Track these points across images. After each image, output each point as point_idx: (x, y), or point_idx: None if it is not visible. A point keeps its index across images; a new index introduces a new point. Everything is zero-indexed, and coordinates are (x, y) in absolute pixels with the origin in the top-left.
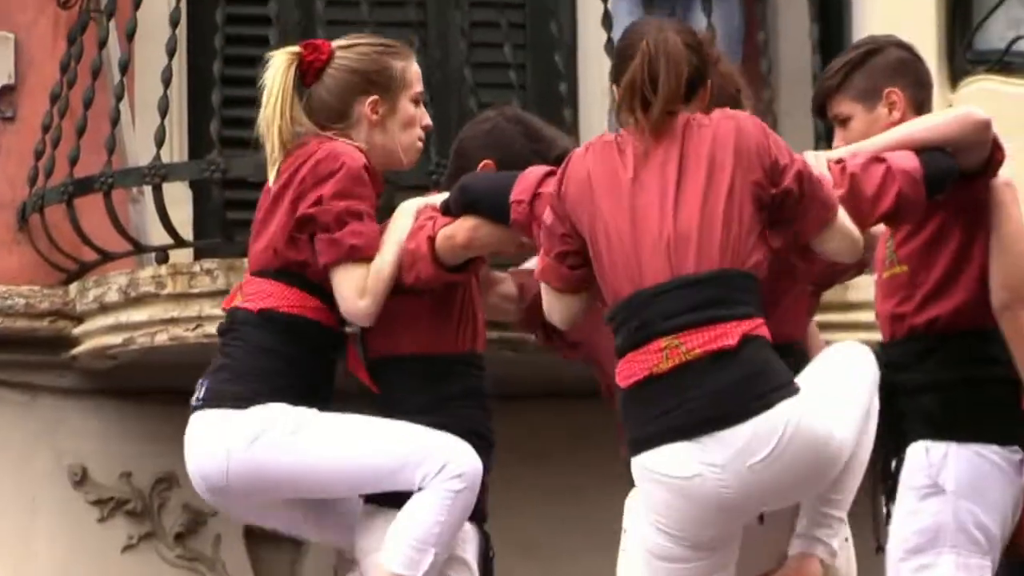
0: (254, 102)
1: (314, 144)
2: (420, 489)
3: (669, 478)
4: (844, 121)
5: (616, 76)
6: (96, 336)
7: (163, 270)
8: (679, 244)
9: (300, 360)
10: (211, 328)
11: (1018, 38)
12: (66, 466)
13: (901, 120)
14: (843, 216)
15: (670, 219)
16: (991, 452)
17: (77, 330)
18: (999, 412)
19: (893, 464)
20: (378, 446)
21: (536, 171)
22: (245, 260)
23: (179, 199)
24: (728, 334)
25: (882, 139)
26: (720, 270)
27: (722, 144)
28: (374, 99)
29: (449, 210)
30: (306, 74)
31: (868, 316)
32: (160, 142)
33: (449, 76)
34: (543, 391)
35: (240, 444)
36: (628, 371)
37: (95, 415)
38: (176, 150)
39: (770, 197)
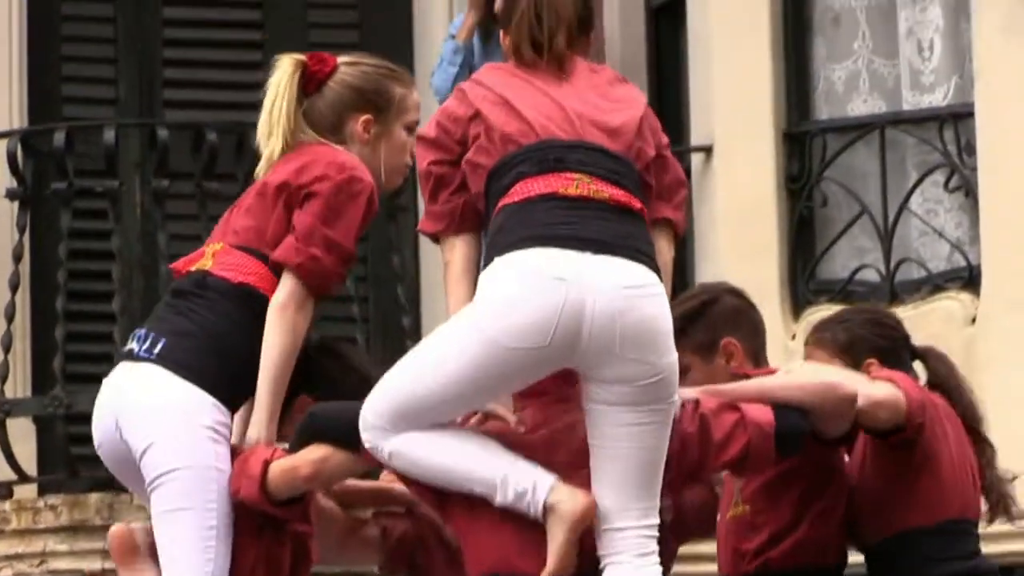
0: (98, 337)
1: (326, 150)
2: None
3: (536, 275)
4: (682, 371)
5: (504, 24)
6: None
7: (7, 506)
8: (594, 127)
9: (258, 345)
10: (56, 564)
11: (861, 267)
12: None
13: (738, 369)
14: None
15: (579, 105)
16: None
17: None
18: None
19: None
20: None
21: None
22: (91, 495)
23: (23, 434)
24: (633, 201)
25: (742, 387)
26: (626, 156)
27: (630, 88)
28: (367, 118)
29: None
30: (308, 83)
31: (710, 567)
32: (3, 377)
33: None
34: None
35: (187, 419)
36: (526, 189)
37: None
38: (20, 385)
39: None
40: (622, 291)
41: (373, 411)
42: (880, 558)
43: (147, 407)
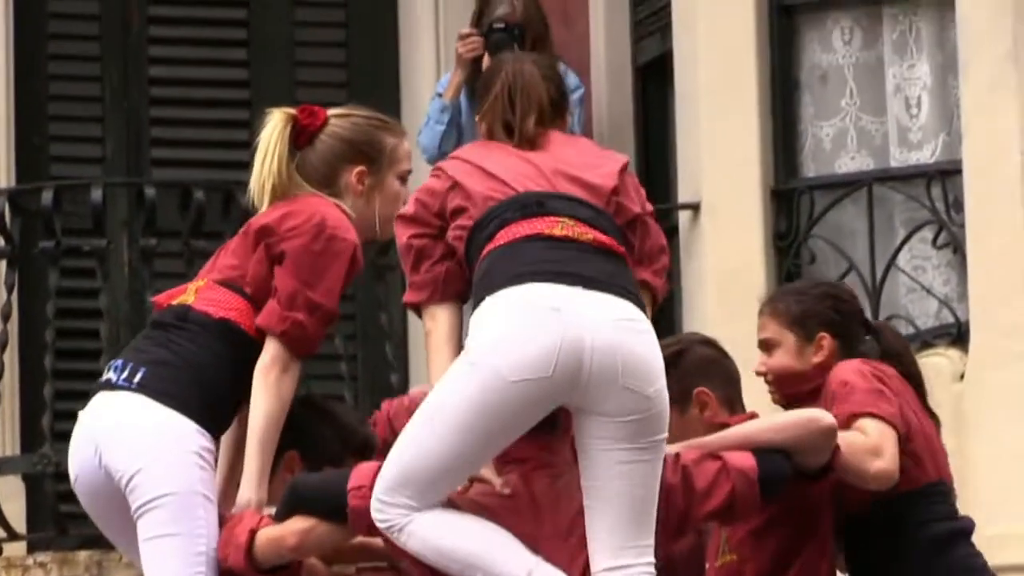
0: (86, 396)
1: (316, 200)
2: None
3: (533, 307)
4: None
5: (479, 108)
6: None
7: None
8: (569, 182)
9: (240, 380)
10: None
11: None
12: None
13: (713, 419)
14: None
15: (555, 164)
16: None
17: None
18: None
19: None
20: None
21: (371, 464)
22: (79, 553)
23: (12, 492)
24: (615, 246)
25: (723, 437)
26: (607, 212)
27: (609, 152)
28: (361, 169)
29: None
30: (299, 136)
31: None
32: None
33: None
34: None
35: (173, 445)
36: (512, 232)
37: None
38: (9, 443)
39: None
40: (616, 323)
41: (383, 487)
42: (862, 525)
43: (131, 433)
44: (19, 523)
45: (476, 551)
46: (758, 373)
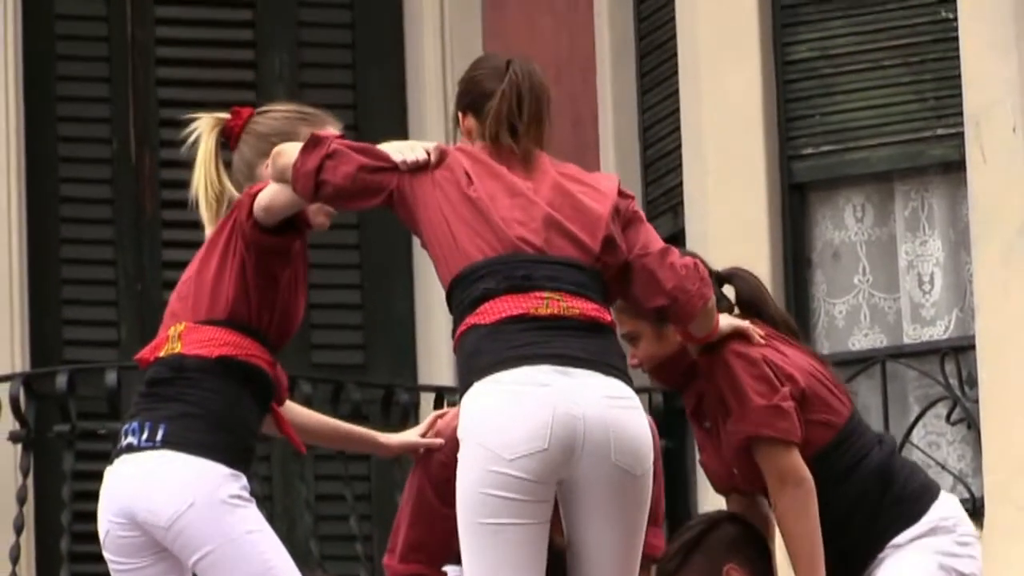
0: None
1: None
2: None
3: (522, 385)
4: None
5: (467, 104)
6: None
7: None
8: (558, 230)
9: (256, 411)
10: None
11: None
12: None
13: None
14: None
15: (548, 209)
16: None
17: None
18: None
19: None
20: None
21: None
22: None
23: None
24: (604, 313)
25: None
26: (593, 267)
27: (601, 179)
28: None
29: None
30: (229, 139)
31: None
32: (15, 559)
33: (296, 548)
34: None
35: (207, 497)
36: (499, 309)
37: None
38: (25, 567)
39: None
40: (606, 400)
41: None
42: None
43: (167, 488)
44: None
45: None
46: (632, 366)
